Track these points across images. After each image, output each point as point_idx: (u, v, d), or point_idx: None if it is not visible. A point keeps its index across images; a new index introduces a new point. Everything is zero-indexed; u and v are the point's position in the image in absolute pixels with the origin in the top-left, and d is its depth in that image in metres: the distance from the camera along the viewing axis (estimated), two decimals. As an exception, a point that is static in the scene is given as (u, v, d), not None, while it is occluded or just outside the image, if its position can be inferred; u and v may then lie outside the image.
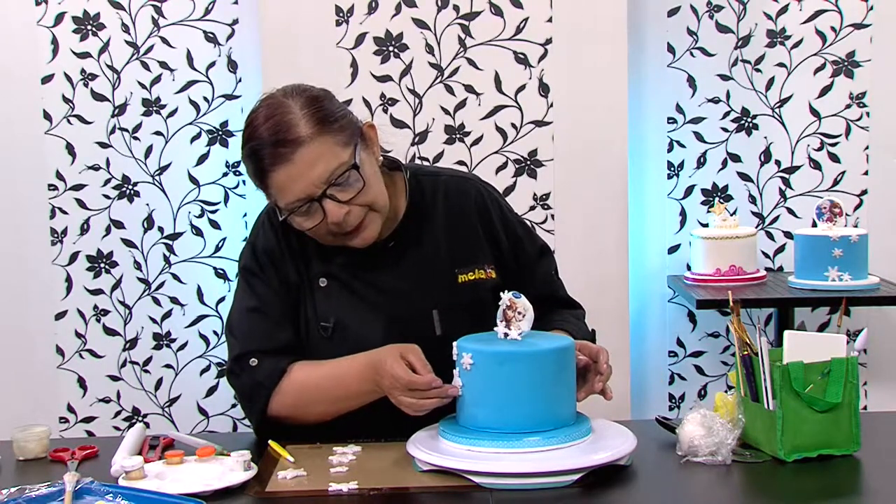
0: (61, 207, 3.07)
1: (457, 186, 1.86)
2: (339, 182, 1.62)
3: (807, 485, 1.47)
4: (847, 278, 2.73)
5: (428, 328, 1.73)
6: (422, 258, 1.78)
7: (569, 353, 1.56)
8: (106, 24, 3.02)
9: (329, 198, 1.62)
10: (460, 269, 1.78)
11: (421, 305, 1.75)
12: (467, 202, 1.84)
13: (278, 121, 1.62)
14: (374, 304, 1.74)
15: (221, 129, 3.08)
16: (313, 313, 1.75)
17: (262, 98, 1.70)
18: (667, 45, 3.07)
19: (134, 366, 3.13)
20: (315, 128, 1.62)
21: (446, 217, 1.82)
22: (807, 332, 1.62)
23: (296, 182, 1.61)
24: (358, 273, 1.76)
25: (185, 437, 1.71)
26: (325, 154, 1.61)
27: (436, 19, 2.83)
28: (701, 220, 3.10)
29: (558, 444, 1.48)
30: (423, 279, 1.77)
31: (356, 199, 1.64)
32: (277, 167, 1.61)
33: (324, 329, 1.73)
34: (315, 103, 1.65)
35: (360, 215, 1.66)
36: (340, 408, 1.70)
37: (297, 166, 1.60)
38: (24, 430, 1.69)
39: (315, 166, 1.61)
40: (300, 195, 1.62)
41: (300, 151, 1.60)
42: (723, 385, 3.13)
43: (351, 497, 1.44)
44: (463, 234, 1.82)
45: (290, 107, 1.63)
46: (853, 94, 3.05)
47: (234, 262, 3.10)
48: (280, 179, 1.62)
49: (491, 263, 1.81)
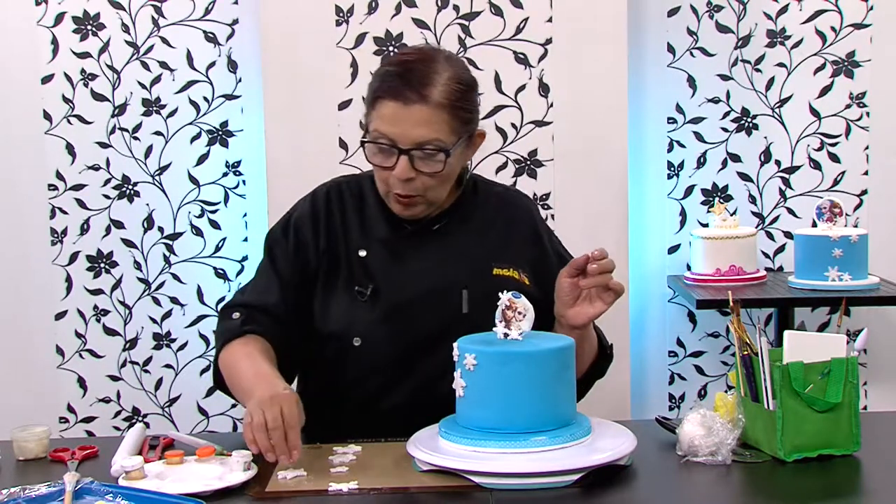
0: (61, 207, 3.07)
1: (511, 197, 1.96)
2: (427, 152, 1.69)
3: (807, 485, 1.47)
4: (847, 278, 2.73)
5: (456, 304, 1.79)
6: (461, 244, 1.84)
7: (569, 353, 1.56)
8: (106, 24, 3.02)
9: (408, 156, 1.68)
10: (496, 263, 1.83)
11: (453, 281, 1.80)
12: (518, 213, 1.92)
13: (424, 71, 1.69)
14: (410, 274, 1.80)
15: (221, 129, 3.08)
16: (349, 279, 1.80)
17: (429, 44, 1.82)
18: (667, 45, 3.07)
19: (134, 366, 3.13)
20: (445, 100, 1.68)
21: (494, 219, 1.88)
22: (807, 332, 1.62)
23: (395, 124, 1.68)
24: (398, 248, 1.82)
25: (185, 437, 1.71)
26: (435, 124, 1.68)
27: (436, 19, 2.83)
28: (701, 220, 3.10)
29: (563, 444, 1.49)
30: (459, 261, 1.82)
31: (427, 176, 1.71)
32: (392, 101, 1.68)
33: (360, 294, 1.78)
34: (460, 83, 1.72)
35: (418, 189, 1.73)
36: (235, 396, 1.76)
37: (408, 113, 1.67)
38: (24, 430, 1.69)
39: (419, 126, 1.67)
40: (390, 135, 1.69)
41: (419, 106, 1.67)
42: (723, 385, 3.12)
43: (351, 497, 1.44)
44: (506, 236, 1.87)
45: (442, 69, 1.71)
46: (853, 94, 3.05)
47: (235, 262, 3.12)
48: (386, 111, 1.69)
49: (527, 272, 1.85)
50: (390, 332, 1.77)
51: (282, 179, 2.81)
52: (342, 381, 1.80)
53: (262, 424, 1.50)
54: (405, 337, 1.76)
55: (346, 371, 1.79)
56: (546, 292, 1.78)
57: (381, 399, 1.79)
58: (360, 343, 1.77)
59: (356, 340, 1.77)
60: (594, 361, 1.86)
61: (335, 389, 1.80)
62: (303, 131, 2.83)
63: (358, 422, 1.77)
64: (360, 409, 1.80)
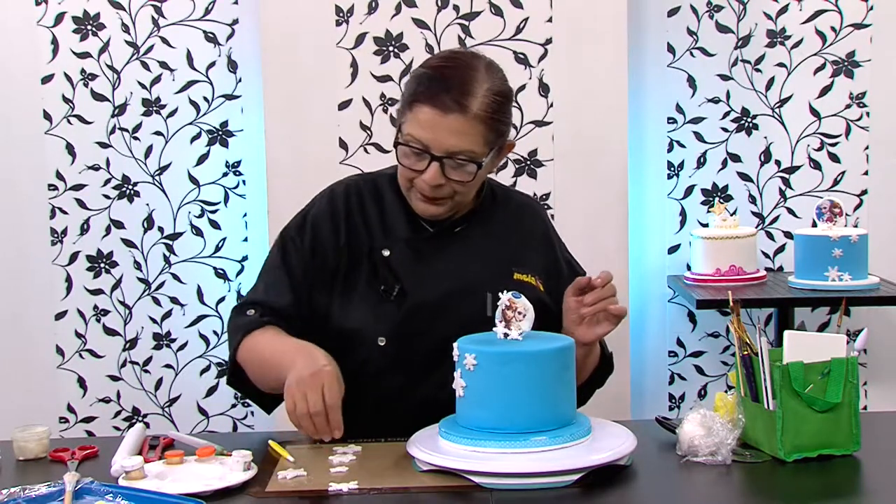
0: (61, 207, 3.07)
1: (526, 205, 1.98)
2: (459, 161, 1.70)
3: (807, 485, 1.47)
4: (847, 278, 2.73)
5: (479, 306, 1.79)
6: (482, 248, 1.84)
7: (569, 353, 1.56)
8: (106, 24, 3.02)
9: (439, 163, 1.69)
10: (517, 268, 1.84)
11: (477, 284, 1.80)
12: (534, 222, 1.94)
13: (465, 79, 1.69)
14: (435, 275, 1.80)
15: (221, 129, 3.08)
16: (371, 278, 1.79)
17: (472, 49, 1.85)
18: (667, 45, 3.07)
19: (134, 366, 3.13)
20: (483, 112, 1.68)
21: (512, 224, 1.90)
22: (807, 332, 1.62)
23: (430, 130, 1.68)
24: (421, 249, 1.82)
25: (185, 437, 1.71)
26: (469, 135, 1.68)
27: (436, 19, 2.83)
28: (701, 220, 3.10)
29: (563, 444, 1.49)
30: (481, 264, 1.83)
31: (456, 184, 1.72)
32: (430, 106, 1.68)
33: (386, 293, 1.78)
34: (499, 96, 1.72)
35: (446, 193, 1.74)
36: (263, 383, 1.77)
37: (444, 121, 1.67)
38: (24, 430, 1.69)
39: (455, 135, 1.68)
40: (424, 140, 1.69)
41: (456, 116, 1.67)
42: (723, 385, 3.12)
43: (351, 497, 1.44)
44: (523, 243, 1.89)
45: (482, 80, 1.70)
46: (853, 94, 3.05)
47: (235, 262, 3.12)
48: (423, 116, 1.69)
49: (541, 278, 1.86)
50: (415, 332, 1.77)
51: (282, 179, 2.82)
52: (361, 379, 1.78)
53: (305, 412, 1.57)
54: (429, 337, 1.76)
55: (366, 369, 1.79)
56: (556, 301, 1.80)
57: (401, 398, 1.79)
58: (385, 343, 1.77)
59: (381, 340, 1.77)
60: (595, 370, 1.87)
61: (353, 387, 1.78)
62: (303, 131, 2.83)
63: (374, 421, 1.77)
64: (378, 408, 1.79)
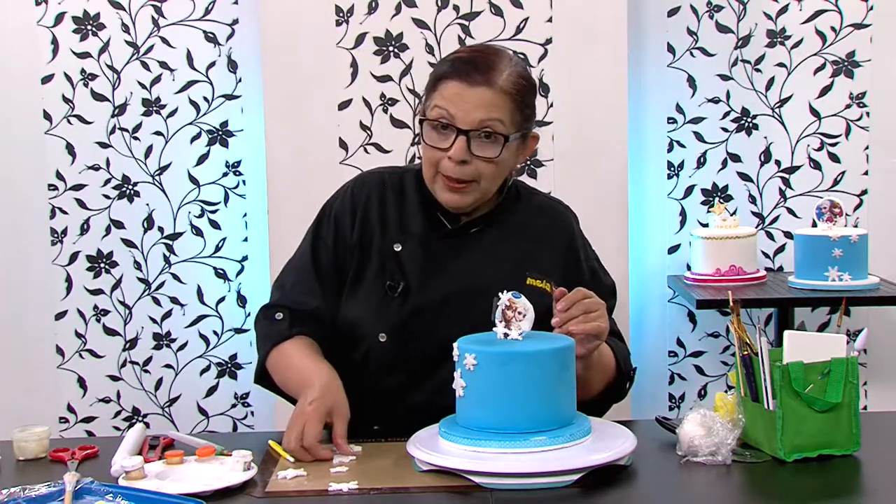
0: (61, 207, 3.07)
1: (553, 208, 1.94)
2: (485, 135, 1.70)
3: (807, 485, 1.47)
4: (847, 278, 2.73)
5: (486, 309, 1.74)
6: (497, 250, 1.83)
7: (569, 353, 1.56)
8: (106, 24, 3.02)
9: (466, 136, 1.69)
10: (531, 273, 1.82)
11: (486, 286, 1.75)
12: (558, 224, 1.90)
13: (489, 58, 1.72)
14: (443, 274, 1.79)
15: (221, 129, 3.08)
16: (380, 272, 1.80)
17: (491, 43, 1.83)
18: (667, 45, 3.07)
19: (134, 366, 3.13)
20: (508, 88, 1.70)
21: (533, 228, 1.87)
22: (807, 332, 1.62)
23: (457, 103, 1.69)
24: (433, 246, 1.81)
25: (185, 437, 1.71)
26: (497, 107, 1.69)
27: (436, 19, 2.83)
28: (701, 220, 3.10)
29: (563, 444, 1.48)
30: (493, 266, 1.81)
31: (481, 161, 1.71)
32: (457, 80, 1.69)
33: (391, 289, 1.78)
34: (523, 78, 1.74)
35: (471, 174, 1.72)
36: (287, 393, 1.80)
37: (472, 94, 1.69)
38: (24, 430, 1.69)
39: (482, 107, 1.68)
40: (450, 112, 1.69)
41: (484, 88, 1.69)
42: (723, 385, 3.12)
43: (351, 497, 1.44)
44: (543, 247, 1.86)
45: (506, 62, 1.73)
46: (853, 94, 3.05)
47: (235, 262, 3.12)
48: (449, 90, 1.70)
49: (557, 284, 1.82)
50: (417, 331, 1.77)
51: (282, 179, 2.82)
52: (364, 375, 1.79)
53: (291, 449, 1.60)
54: (431, 337, 1.75)
55: (368, 364, 1.79)
56: None
57: (403, 396, 1.79)
58: (386, 339, 1.77)
59: (382, 336, 1.77)
60: (609, 385, 1.83)
61: (356, 382, 1.78)
62: (303, 131, 2.83)
63: (377, 417, 1.77)
64: (381, 405, 1.79)
